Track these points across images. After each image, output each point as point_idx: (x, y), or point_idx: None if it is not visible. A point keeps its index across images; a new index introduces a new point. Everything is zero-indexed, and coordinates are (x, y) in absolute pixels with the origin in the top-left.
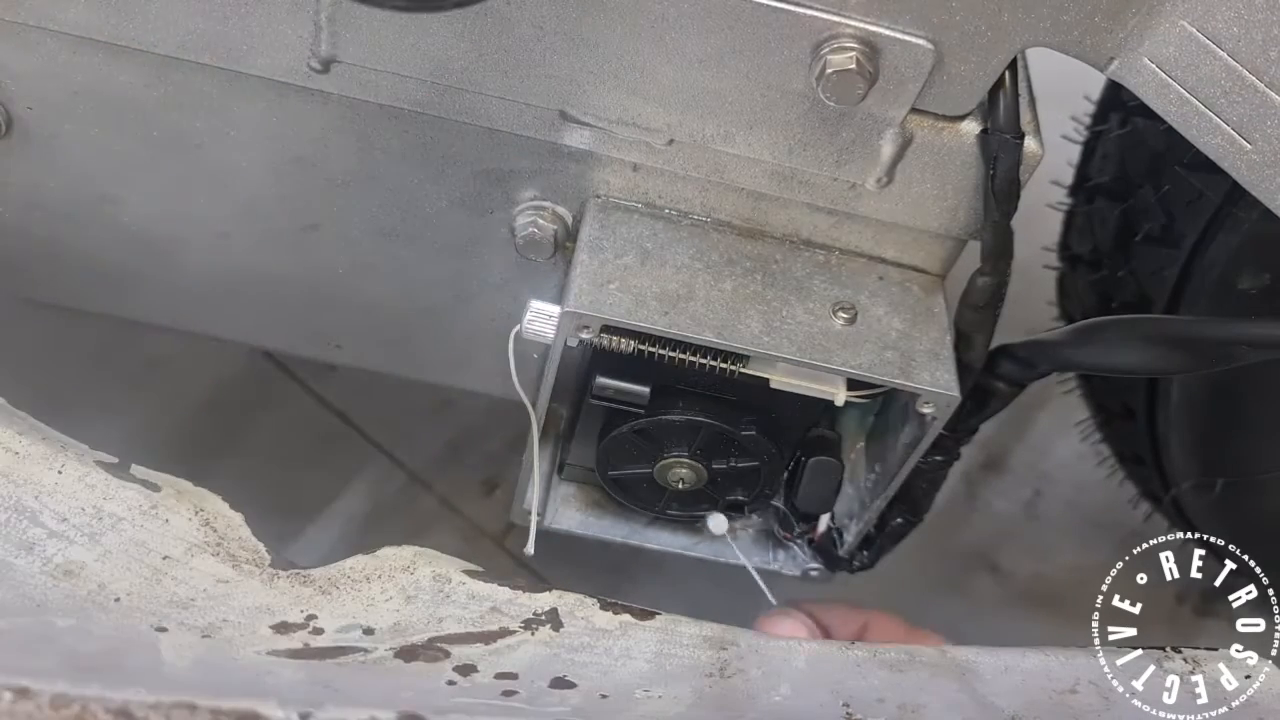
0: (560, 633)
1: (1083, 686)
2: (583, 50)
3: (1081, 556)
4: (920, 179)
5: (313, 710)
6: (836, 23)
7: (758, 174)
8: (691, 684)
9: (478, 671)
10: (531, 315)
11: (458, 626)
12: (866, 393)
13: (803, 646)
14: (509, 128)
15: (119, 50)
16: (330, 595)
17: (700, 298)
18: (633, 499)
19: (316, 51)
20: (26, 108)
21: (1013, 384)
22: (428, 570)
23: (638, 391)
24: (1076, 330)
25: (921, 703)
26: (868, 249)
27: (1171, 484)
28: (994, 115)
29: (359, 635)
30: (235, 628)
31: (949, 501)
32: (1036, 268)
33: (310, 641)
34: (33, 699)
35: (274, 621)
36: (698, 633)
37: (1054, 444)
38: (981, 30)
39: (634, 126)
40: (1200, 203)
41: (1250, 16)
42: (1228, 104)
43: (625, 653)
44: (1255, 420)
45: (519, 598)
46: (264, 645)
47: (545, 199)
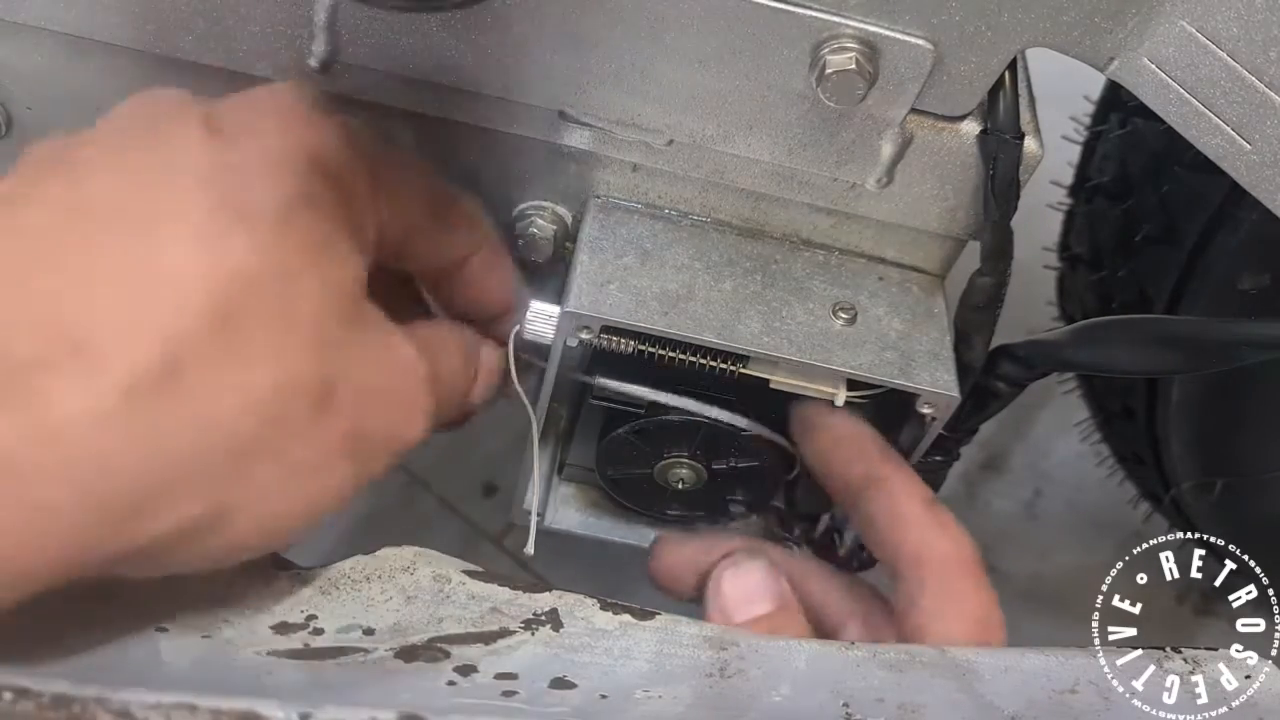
0: (560, 633)
1: (1083, 686)
2: (582, 50)
3: (1081, 556)
4: (920, 179)
5: (313, 710)
6: (836, 23)
7: (757, 174)
8: (691, 684)
9: (478, 672)
10: (531, 316)
11: (458, 627)
12: (866, 393)
13: (803, 646)
14: (508, 128)
15: (119, 51)
16: (330, 596)
17: (700, 298)
18: (632, 499)
19: (316, 52)
20: (26, 108)
21: (1013, 384)
22: (428, 570)
23: (637, 392)
24: (1076, 330)
25: (921, 703)
26: (868, 249)
27: (1171, 484)
28: (994, 115)
29: (359, 636)
30: (235, 628)
31: (949, 501)
32: (1036, 268)
33: (310, 642)
34: (33, 699)
35: (274, 622)
36: (698, 633)
37: (1054, 444)
38: (981, 30)
39: (633, 127)
40: (1200, 203)
41: (1250, 17)
42: (1227, 104)
43: (625, 653)
44: (1255, 420)
45: (519, 598)
46: (264, 646)
47: (545, 199)
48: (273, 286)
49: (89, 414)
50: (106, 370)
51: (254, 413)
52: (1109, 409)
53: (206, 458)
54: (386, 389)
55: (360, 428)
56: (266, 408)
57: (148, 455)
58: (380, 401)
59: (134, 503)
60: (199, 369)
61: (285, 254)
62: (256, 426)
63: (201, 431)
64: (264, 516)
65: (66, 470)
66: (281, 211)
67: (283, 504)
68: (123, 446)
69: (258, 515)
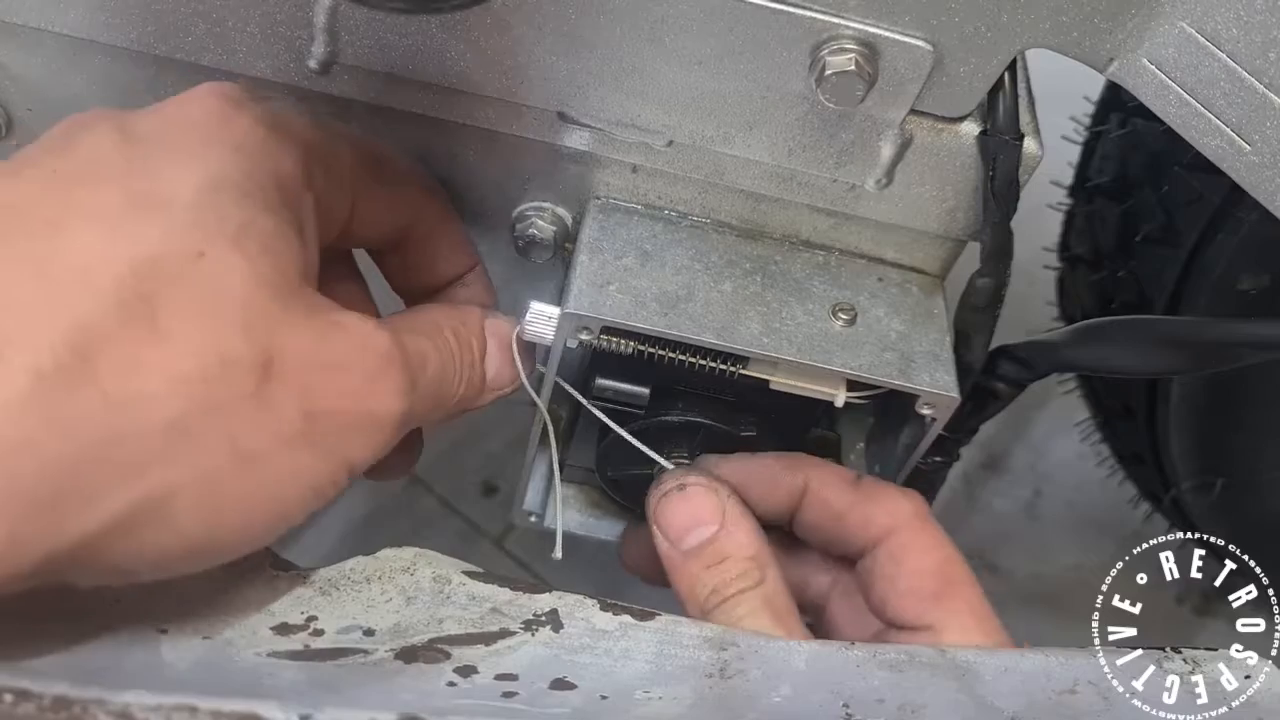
0: (560, 634)
1: (1083, 686)
2: (581, 52)
3: (1081, 556)
4: (920, 180)
5: (313, 712)
6: (835, 24)
7: (757, 175)
8: (691, 685)
9: (478, 673)
10: (531, 316)
11: (458, 627)
12: (866, 393)
13: (803, 647)
14: (508, 129)
15: (119, 52)
16: (330, 596)
17: (700, 299)
18: (633, 500)
19: (315, 53)
20: (26, 109)
21: (1012, 385)
22: (428, 571)
23: (637, 393)
24: (1076, 331)
25: (921, 703)
26: (867, 250)
27: (1171, 484)
28: (993, 116)
29: (359, 637)
30: (235, 629)
31: (949, 501)
32: (1036, 268)
33: (310, 643)
34: (34, 700)
35: (274, 623)
36: (698, 633)
37: (1054, 444)
38: (981, 31)
39: (633, 128)
40: (1200, 203)
41: (1250, 18)
42: (1227, 105)
43: (625, 654)
44: (1255, 420)
45: (519, 599)
46: (264, 647)
47: (545, 200)
48: (189, 268)
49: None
50: (12, 357)
51: (181, 392)
52: (1109, 409)
53: (132, 441)
54: (340, 364)
55: (315, 407)
56: (195, 386)
57: (66, 439)
58: (335, 378)
59: (59, 489)
60: (112, 351)
61: (202, 236)
62: (186, 405)
63: (120, 413)
64: (210, 504)
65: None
66: (195, 197)
67: (233, 491)
68: (38, 434)
69: (202, 503)
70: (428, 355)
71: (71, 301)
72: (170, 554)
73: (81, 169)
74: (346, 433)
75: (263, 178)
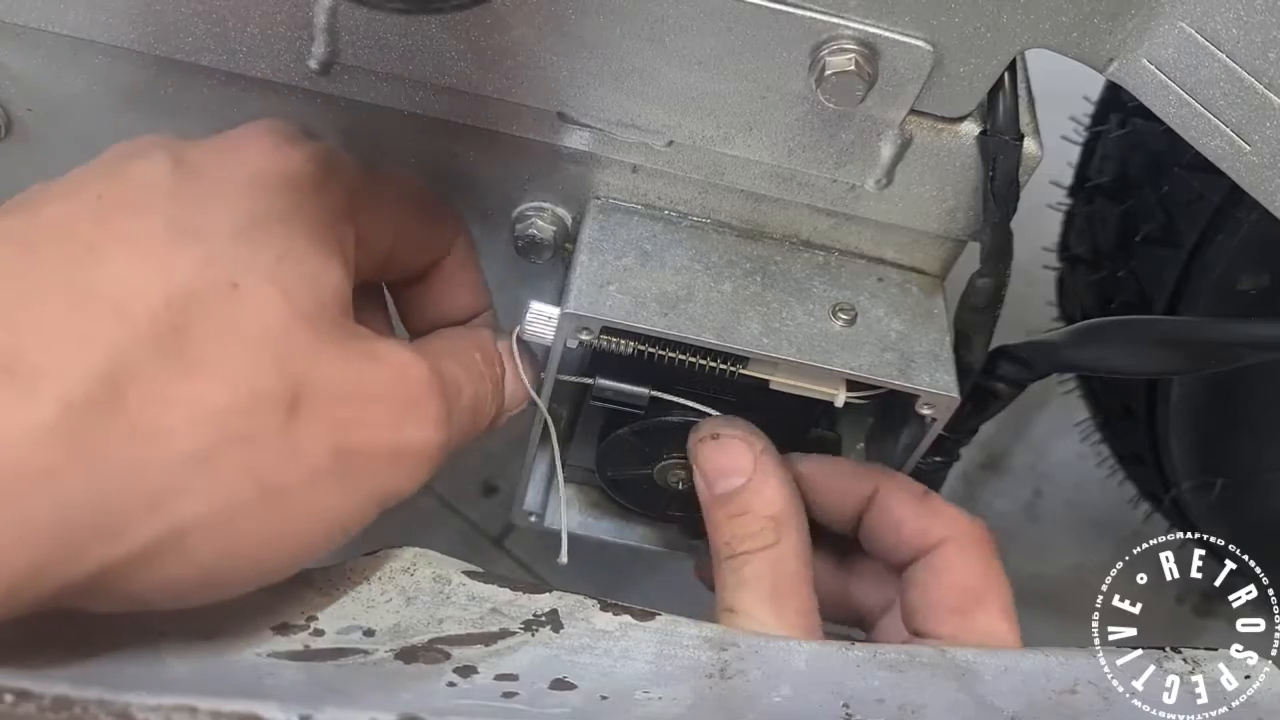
0: (560, 634)
1: (1083, 686)
2: (581, 52)
3: (1081, 556)
4: (919, 180)
5: (313, 712)
6: (835, 24)
7: (757, 175)
8: (692, 685)
9: (478, 673)
10: (531, 317)
11: (458, 628)
12: (866, 393)
13: (803, 647)
14: (508, 129)
15: (119, 52)
16: (330, 597)
17: (700, 299)
18: (632, 500)
19: (315, 53)
20: (26, 109)
21: (1012, 385)
22: (428, 571)
23: (637, 393)
24: (1076, 331)
25: (921, 703)
26: (867, 250)
27: (1171, 484)
28: (993, 116)
29: (359, 637)
30: (236, 630)
31: (949, 501)
32: (1036, 268)
33: (310, 643)
34: (34, 701)
35: (274, 623)
36: (698, 633)
37: (1054, 444)
38: (981, 32)
39: (633, 128)
40: (1200, 203)
41: (1250, 18)
42: (1227, 105)
43: (625, 654)
44: (1255, 420)
45: (519, 599)
46: (264, 647)
47: (545, 200)
48: (223, 300)
49: (27, 431)
50: (43, 386)
51: (209, 424)
52: (1109, 409)
53: (156, 473)
54: (376, 395)
55: (347, 441)
56: (223, 419)
57: (90, 471)
58: (370, 410)
59: (81, 521)
60: (142, 384)
61: (237, 268)
62: (213, 438)
63: (146, 445)
64: (231, 538)
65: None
66: (236, 229)
67: (255, 526)
68: (65, 463)
69: (223, 536)
70: (461, 381)
71: (105, 332)
72: (188, 585)
73: (129, 195)
74: (381, 467)
75: (309, 210)
